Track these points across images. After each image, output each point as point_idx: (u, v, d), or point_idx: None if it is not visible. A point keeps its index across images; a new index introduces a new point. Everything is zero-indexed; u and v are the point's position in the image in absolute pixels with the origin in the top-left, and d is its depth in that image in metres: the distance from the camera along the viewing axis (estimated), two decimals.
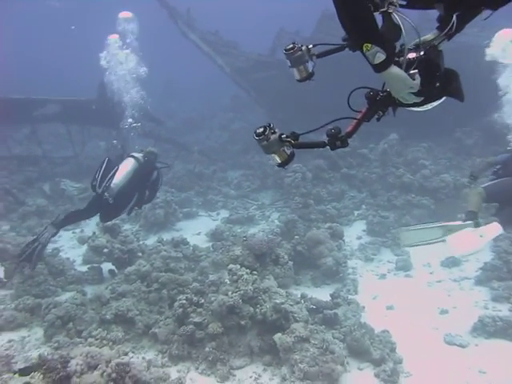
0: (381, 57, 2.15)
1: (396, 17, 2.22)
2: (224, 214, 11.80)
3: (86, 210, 7.50)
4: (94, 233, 8.42)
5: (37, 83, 27.64)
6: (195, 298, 6.13)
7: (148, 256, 7.94)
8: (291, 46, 2.64)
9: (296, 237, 8.36)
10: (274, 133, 2.55)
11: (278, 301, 5.99)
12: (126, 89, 11.24)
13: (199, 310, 6.10)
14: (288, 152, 2.59)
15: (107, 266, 8.22)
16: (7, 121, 14.33)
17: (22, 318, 6.49)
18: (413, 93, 2.37)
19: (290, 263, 7.50)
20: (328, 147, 2.54)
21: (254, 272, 6.33)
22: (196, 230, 10.62)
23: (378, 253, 9.26)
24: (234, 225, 10.82)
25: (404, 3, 2.28)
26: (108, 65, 11.37)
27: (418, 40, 2.41)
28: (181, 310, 6.02)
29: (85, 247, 8.86)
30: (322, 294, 7.33)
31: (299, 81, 2.71)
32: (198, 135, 21.01)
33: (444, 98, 2.50)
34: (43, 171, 14.37)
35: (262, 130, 2.55)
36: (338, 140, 2.51)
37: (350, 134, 2.54)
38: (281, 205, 12.14)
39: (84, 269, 8.25)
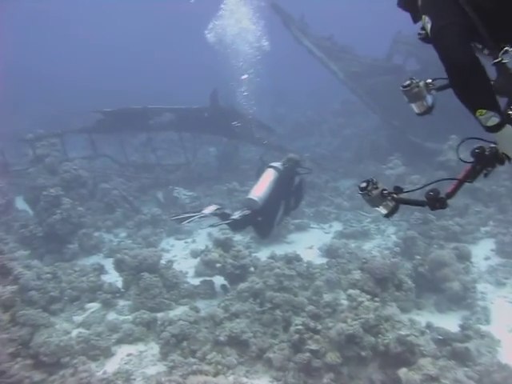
0: (495, 120, 2.07)
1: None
2: (337, 226, 11.43)
3: (237, 222, 7.48)
4: (207, 246, 8.49)
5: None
6: (312, 324, 5.89)
7: (261, 272, 7.82)
8: (408, 82, 2.56)
9: (417, 257, 7.81)
10: (376, 188, 2.61)
11: (402, 332, 5.57)
12: None
13: (316, 336, 5.86)
14: (391, 204, 2.64)
15: (219, 280, 8.26)
16: (127, 129, 15.19)
17: (139, 331, 6.70)
18: None
19: (412, 286, 6.99)
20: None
21: (376, 299, 5.95)
22: (308, 244, 10.38)
23: (510, 276, 8.35)
24: (348, 239, 10.42)
25: None
26: None
27: None
28: (297, 336, 5.82)
29: (197, 258, 8.99)
30: (448, 322, 6.79)
31: (418, 115, 2.64)
32: (307, 141, 20.74)
33: None
34: (157, 178, 14.99)
35: (364, 185, 2.63)
36: (437, 202, 2.53)
37: (449, 195, 2.55)
38: (397, 218, 11.49)
39: (196, 282, 8.36)
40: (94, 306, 7.78)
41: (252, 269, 8.21)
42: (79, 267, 8.70)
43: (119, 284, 8.17)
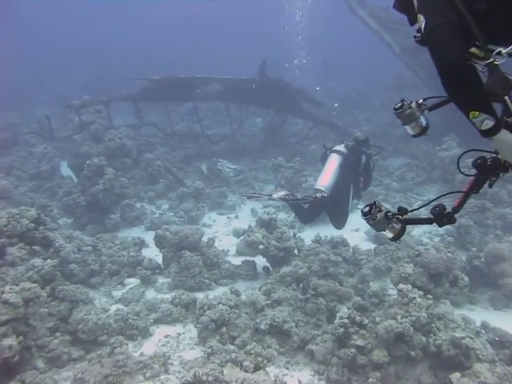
0: (489, 124, 2.05)
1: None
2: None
3: (308, 211, 7.34)
4: (250, 226, 8.27)
5: None
6: (358, 318, 5.60)
7: (305, 257, 7.57)
8: (399, 104, 2.51)
9: (473, 249, 7.39)
10: (380, 211, 2.57)
11: (457, 335, 5.23)
12: None
13: (362, 331, 5.58)
14: (398, 227, 2.59)
15: (262, 261, 8.07)
16: (173, 98, 15.04)
17: (177, 312, 6.61)
18: None
19: (468, 283, 6.59)
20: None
21: (429, 296, 5.60)
22: (354, 226, 9.98)
23: None
24: None
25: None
26: None
27: None
28: (342, 329, 5.55)
29: (240, 237, 8.81)
30: (504, 320, 6.40)
31: (414, 136, 2.57)
32: (357, 116, 20.04)
33: None
34: (201, 149, 14.83)
35: (367, 209, 2.59)
36: (444, 217, 2.49)
37: (456, 209, 2.52)
38: (449, 201, 10.91)
39: (238, 261, 8.20)
40: (133, 281, 7.74)
41: (296, 251, 7.97)
42: (120, 240, 8.68)
43: (159, 260, 8.09)
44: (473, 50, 2.25)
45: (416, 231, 9.59)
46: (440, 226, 2.56)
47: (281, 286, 7.05)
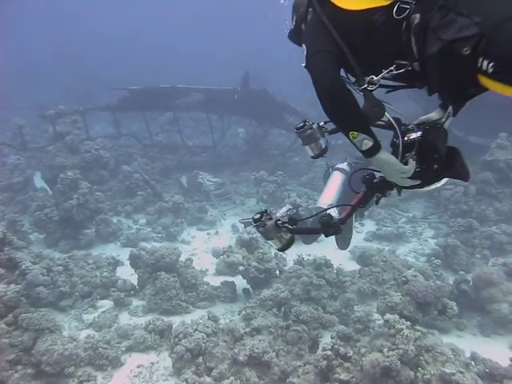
0: (368, 144, 2.22)
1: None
2: (369, 225, 10.75)
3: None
4: (230, 246, 7.93)
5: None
6: (342, 350, 5.29)
7: (287, 279, 7.27)
8: (301, 124, 2.61)
9: (461, 272, 7.15)
10: (271, 219, 2.61)
11: (447, 370, 4.94)
12: None
13: (346, 364, 5.27)
14: (287, 237, 2.63)
15: (241, 282, 7.74)
16: (153, 108, 14.71)
17: (151, 340, 6.25)
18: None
19: (457, 312, 6.33)
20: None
21: (417, 327, 5.31)
22: None
23: None
24: (381, 241, 9.78)
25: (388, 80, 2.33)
26: None
27: (422, 119, 2.48)
28: (325, 362, 5.23)
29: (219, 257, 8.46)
30: (494, 347, 6.17)
31: (313, 157, 2.68)
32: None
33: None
34: (182, 160, 14.48)
35: (258, 216, 2.63)
36: (330, 227, 2.56)
37: (343, 221, 2.61)
38: (435, 219, 10.76)
39: (217, 282, 7.85)
40: (106, 304, 7.34)
41: (277, 272, 7.66)
42: (93, 259, 8.26)
43: (134, 280, 7.71)
44: (353, 76, 2.39)
45: (401, 250, 9.39)
46: (326, 235, 2.59)
47: (261, 310, 6.72)
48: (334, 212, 7.15)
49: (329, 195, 6.95)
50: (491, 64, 1.72)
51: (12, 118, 20.13)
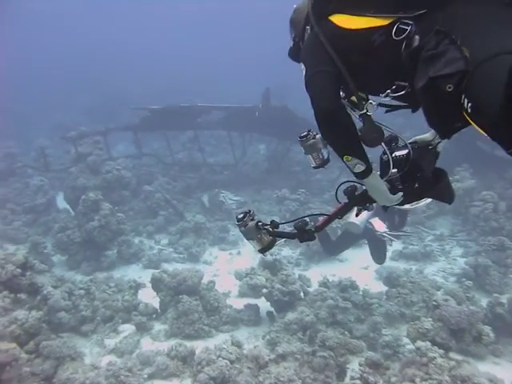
0: (360, 168, 2.28)
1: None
2: (395, 243, 10.45)
3: (342, 245, 7.86)
4: (253, 268, 7.78)
5: None
6: (372, 379, 5.10)
7: (312, 302, 7.08)
8: (305, 133, 2.63)
9: (495, 295, 6.85)
10: (253, 219, 2.72)
11: None
12: None
13: None
14: (267, 238, 2.70)
15: (265, 305, 7.56)
16: (173, 127, 14.74)
17: (174, 366, 6.08)
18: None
19: (494, 339, 6.03)
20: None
21: (451, 356, 5.08)
22: (363, 263, 9.46)
23: None
24: (408, 260, 9.52)
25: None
26: None
27: (416, 138, 2.61)
28: None
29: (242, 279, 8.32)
30: None
31: (314, 168, 2.69)
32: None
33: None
34: (203, 179, 14.43)
35: (241, 215, 2.77)
36: (305, 233, 2.66)
37: (318, 229, 2.70)
38: (463, 237, 10.44)
39: (240, 305, 7.69)
40: (127, 328, 7.23)
41: (302, 294, 7.48)
42: (115, 282, 8.21)
43: (156, 303, 7.60)
44: (353, 98, 2.38)
45: (429, 269, 9.10)
46: (301, 241, 2.69)
47: (286, 334, 6.56)
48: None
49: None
50: (470, 104, 1.73)
51: (35, 138, 20.45)
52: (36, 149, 15.91)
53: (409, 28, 2.08)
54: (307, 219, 2.71)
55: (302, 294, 7.48)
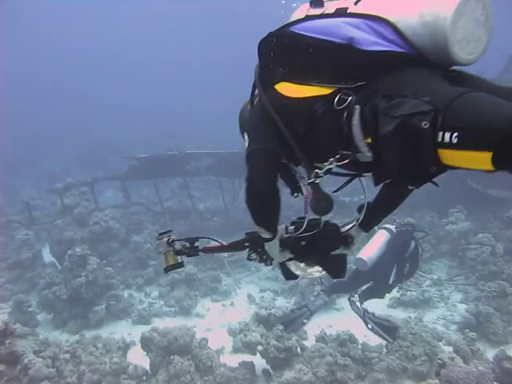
0: (266, 235, 2.49)
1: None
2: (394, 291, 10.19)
3: (349, 284, 7.57)
4: (247, 324, 7.47)
5: None
6: None
7: (309, 359, 6.76)
8: None
9: (501, 348, 6.56)
10: (168, 237, 2.77)
11: None
12: None
13: None
14: (174, 258, 2.75)
15: (261, 362, 7.21)
16: (162, 175, 14.61)
17: None
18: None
19: None
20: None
21: None
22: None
23: None
24: (407, 307, 9.24)
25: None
26: None
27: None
28: None
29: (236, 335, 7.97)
30: None
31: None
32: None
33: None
34: (194, 226, 14.17)
35: (162, 231, 2.82)
36: (193, 250, 2.77)
37: (205, 249, 2.81)
38: (461, 281, 10.20)
39: (234, 362, 7.34)
40: None
41: (299, 349, 7.15)
42: (103, 342, 7.80)
43: (146, 363, 7.23)
44: (299, 167, 2.46)
45: (428, 317, 8.83)
46: (188, 255, 2.79)
47: None
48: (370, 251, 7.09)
49: (371, 249, 6.89)
50: (455, 134, 1.65)
51: (22, 188, 20.21)
52: (22, 200, 15.65)
53: (349, 98, 2.05)
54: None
55: (298, 349, 7.17)
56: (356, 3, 2.17)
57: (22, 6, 46.53)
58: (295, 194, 2.64)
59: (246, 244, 2.72)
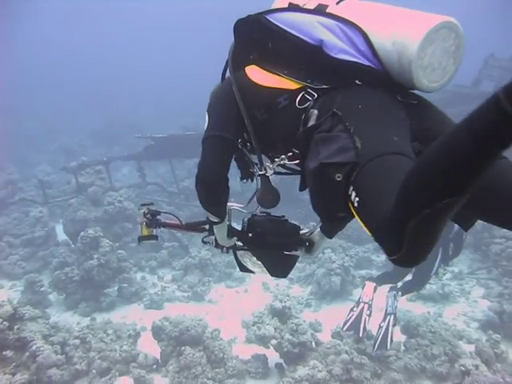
0: (214, 219, 2.53)
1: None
2: None
3: (394, 274, 7.53)
4: (261, 317, 7.27)
5: None
6: None
7: (324, 355, 6.56)
8: None
9: None
10: (147, 209, 2.74)
11: None
12: None
13: None
14: (150, 230, 2.73)
15: (274, 355, 7.03)
16: (179, 155, 14.43)
17: None
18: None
19: None
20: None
21: None
22: (378, 305, 8.92)
23: None
24: (426, 302, 8.99)
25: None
26: None
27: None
28: None
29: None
30: None
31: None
32: None
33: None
34: None
35: (144, 203, 2.85)
36: (156, 223, 2.74)
37: (166, 224, 2.81)
38: (483, 275, 9.88)
39: (247, 354, 7.18)
40: (125, 382, 6.72)
41: (313, 344, 6.95)
42: (114, 328, 7.67)
43: (157, 351, 7.10)
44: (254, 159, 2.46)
45: (448, 312, 8.57)
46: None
47: None
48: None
49: None
50: (357, 199, 1.67)
51: (38, 162, 20.19)
52: (37, 178, 15.56)
53: (311, 99, 2.07)
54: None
55: (313, 343, 6.96)
56: (338, 3, 2.14)
57: None
58: (244, 180, 2.67)
59: (205, 227, 2.74)
